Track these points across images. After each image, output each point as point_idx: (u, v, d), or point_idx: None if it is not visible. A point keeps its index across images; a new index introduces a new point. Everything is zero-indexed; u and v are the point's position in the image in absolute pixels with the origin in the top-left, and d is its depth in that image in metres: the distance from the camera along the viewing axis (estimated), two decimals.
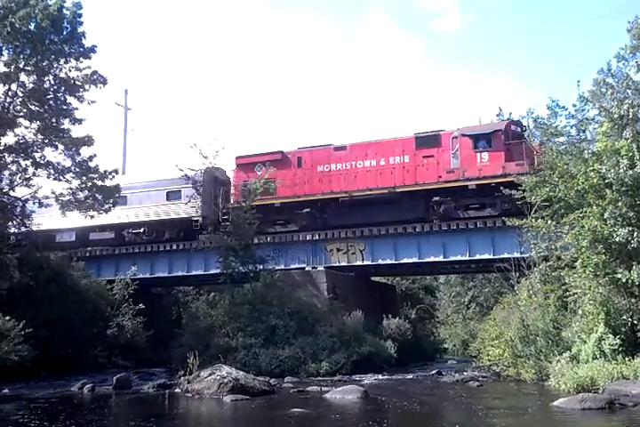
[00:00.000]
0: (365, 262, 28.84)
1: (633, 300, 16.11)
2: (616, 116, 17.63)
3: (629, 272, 15.49)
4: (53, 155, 26.58)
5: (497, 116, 47.99)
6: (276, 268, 28.37)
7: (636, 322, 15.93)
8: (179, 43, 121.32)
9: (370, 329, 27.02)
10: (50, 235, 32.30)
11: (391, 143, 29.39)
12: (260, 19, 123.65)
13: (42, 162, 26.15)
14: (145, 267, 32.26)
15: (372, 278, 35.52)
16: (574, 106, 20.80)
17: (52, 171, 26.20)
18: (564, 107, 21.22)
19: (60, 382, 21.56)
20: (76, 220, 29.19)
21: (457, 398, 16.36)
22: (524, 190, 20.37)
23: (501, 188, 22.18)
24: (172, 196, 32.46)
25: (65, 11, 25.01)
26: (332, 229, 29.27)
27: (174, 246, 31.84)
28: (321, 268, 28.99)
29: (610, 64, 24.52)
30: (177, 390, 18.36)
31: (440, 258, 27.66)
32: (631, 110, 17.43)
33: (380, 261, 28.72)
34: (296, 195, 30.20)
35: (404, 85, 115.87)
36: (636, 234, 15.50)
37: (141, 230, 32.85)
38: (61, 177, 26.40)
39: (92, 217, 27.70)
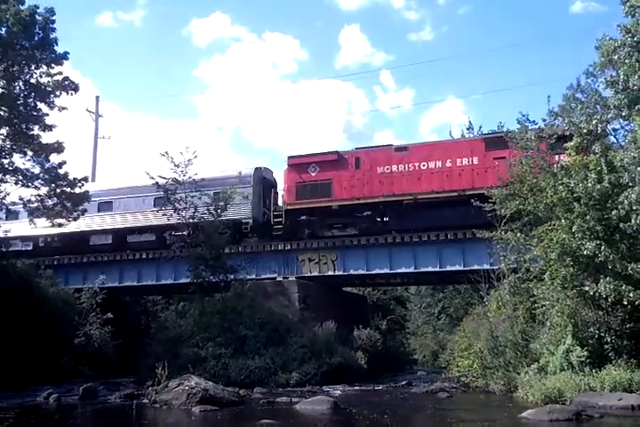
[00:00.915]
0: (337, 273, 28.82)
1: (600, 312, 16.31)
2: (585, 131, 17.92)
3: (597, 285, 15.68)
4: (22, 161, 26.24)
5: (467, 129, 48.61)
6: (247, 277, 28.18)
7: (603, 334, 16.12)
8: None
9: (340, 340, 26.96)
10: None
11: (459, 144, 28.97)
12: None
13: (10, 168, 25.76)
14: (113, 276, 31.85)
15: (344, 289, 35.52)
16: (544, 120, 21.15)
17: (20, 177, 25.80)
18: (533, 121, 21.54)
19: (26, 391, 21.09)
20: (114, 221, 28.19)
21: (426, 409, 16.38)
22: (493, 203, 20.57)
23: None
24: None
25: (37, 16, 24.75)
26: (398, 232, 28.05)
27: (143, 255, 31.49)
28: (292, 278, 28.88)
29: (579, 80, 24.94)
30: (145, 400, 18.07)
31: (411, 269, 27.75)
32: (600, 126, 17.74)
33: (352, 272, 28.72)
34: (354, 197, 28.75)
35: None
36: (603, 248, 15.72)
37: (185, 233, 29.95)
38: (30, 184, 26.02)
39: (60, 225, 27.28)
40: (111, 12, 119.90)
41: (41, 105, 25.70)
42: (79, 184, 26.64)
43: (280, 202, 31.08)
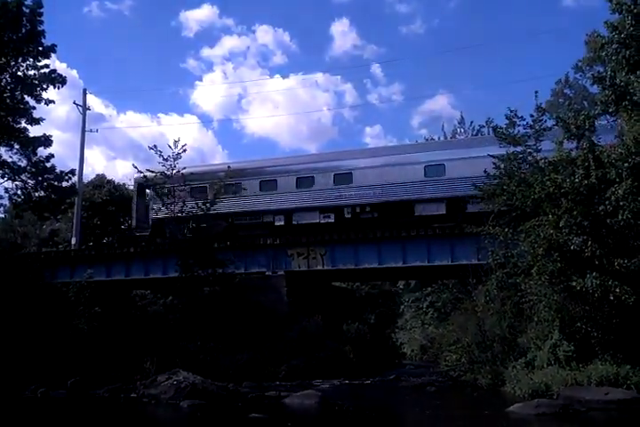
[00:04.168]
0: (326, 267, 28.79)
1: (587, 307, 16.43)
2: (573, 126, 18.00)
3: (583, 280, 15.81)
4: (8, 154, 26.07)
5: (459, 124, 48.77)
6: (237, 272, 28.16)
7: (589, 329, 16.27)
8: None
9: (329, 334, 27.03)
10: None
11: None
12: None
13: None
14: (101, 270, 31.69)
15: (333, 284, 35.57)
16: (532, 116, 21.20)
17: (6, 170, 25.65)
18: (521, 117, 21.59)
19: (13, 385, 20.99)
20: (282, 200, 27.85)
21: (414, 403, 16.47)
22: (482, 198, 20.63)
23: None
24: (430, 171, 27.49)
25: (24, 9, 24.55)
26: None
27: (131, 249, 31.37)
28: (281, 272, 28.87)
29: (568, 75, 25.04)
30: (133, 394, 18.05)
31: (400, 264, 27.78)
32: (587, 121, 17.83)
33: (341, 266, 28.70)
34: None
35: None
36: (590, 243, 15.84)
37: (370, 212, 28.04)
38: (17, 177, 25.87)
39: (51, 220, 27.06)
40: (98, 1, 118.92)
41: (28, 98, 25.53)
42: (66, 177, 26.52)
43: None
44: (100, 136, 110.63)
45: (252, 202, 29.82)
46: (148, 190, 32.39)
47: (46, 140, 26.06)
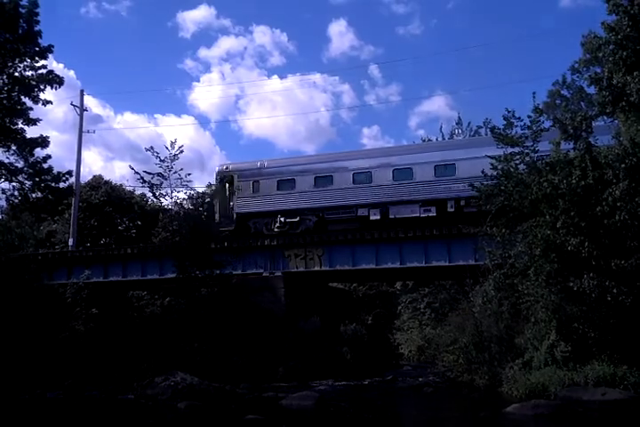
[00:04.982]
0: (323, 268, 28.76)
1: (584, 308, 16.44)
2: (570, 127, 18.02)
3: (581, 281, 15.83)
4: (5, 155, 26.03)
5: (456, 124, 48.82)
6: (234, 273, 28.12)
7: (586, 330, 16.28)
8: None
9: (327, 335, 27.00)
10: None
11: None
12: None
13: None
14: (98, 271, 31.65)
15: (330, 284, 35.54)
16: (529, 117, 21.19)
17: (3, 171, 25.61)
18: (519, 118, 21.59)
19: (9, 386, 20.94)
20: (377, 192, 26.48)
21: (412, 404, 16.47)
22: (479, 198, 20.63)
23: None
24: None
25: (21, 9, 24.50)
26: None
27: (129, 250, 31.32)
28: (279, 273, 28.85)
29: (565, 76, 25.04)
30: (130, 396, 18.04)
31: (397, 265, 27.75)
32: (584, 122, 17.85)
33: (338, 267, 28.66)
34: None
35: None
36: (587, 243, 15.86)
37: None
38: (14, 178, 25.83)
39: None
40: (96, 1, 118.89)
41: (25, 99, 25.49)
42: (63, 178, 26.49)
43: None
44: (98, 137, 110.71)
45: (344, 195, 28.49)
46: (231, 183, 30.69)
47: (43, 141, 26.02)
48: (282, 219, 27.32)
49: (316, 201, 28.34)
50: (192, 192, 28.66)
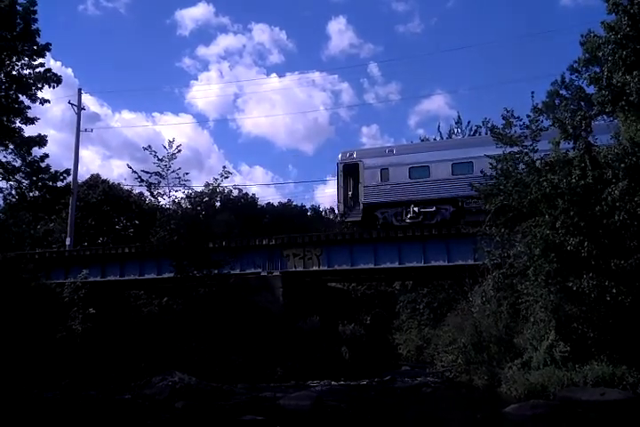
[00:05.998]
0: (322, 268, 28.71)
1: (583, 308, 16.41)
2: (569, 127, 17.97)
3: (580, 281, 15.78)
4: (3, 154, 25.94)
5: (456, 124, 48.73)
6: (232, 272, 28.06)
7: (586, 330, 16.24)
8: None
9: (325, 335, 26.95)
10: None
11: None
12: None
13: None
14: (95, 271, 31.57)
15: (329, 284, 35.49)
16: (528, 116, 21.15)
17: (0, 170, 25.52)
18: (518, 117, 21.54)
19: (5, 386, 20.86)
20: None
21: (410, 404, 16.41)
22: (478, 198, 20.58)
23: None
24: None
25: (18, 7, 24.40)
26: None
27: (126, 250, 31.24)
28: (277, 273, 28.79)
29: (564, 76, 24.97)
30: (127, 395, 17.97)
31: (396, 264, 27.71)
32: (584, 122, 17.81)
33: (337, 267, 28.62)
34: None
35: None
36: (586, 243, 15.81)
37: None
38: (11, 177, 25.74)
39: None
40: None
41: (22, 97, 25.39)
42: (61, 177, 26.41)
43: None
44: (95, 135, 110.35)
45: None
46: (355, 171, 28.81)
47: (41, 140, 25.92)
48: (415, 209, 26.24)
49: (453, 189, 26.43)
50: (190, 191, 28.62)
